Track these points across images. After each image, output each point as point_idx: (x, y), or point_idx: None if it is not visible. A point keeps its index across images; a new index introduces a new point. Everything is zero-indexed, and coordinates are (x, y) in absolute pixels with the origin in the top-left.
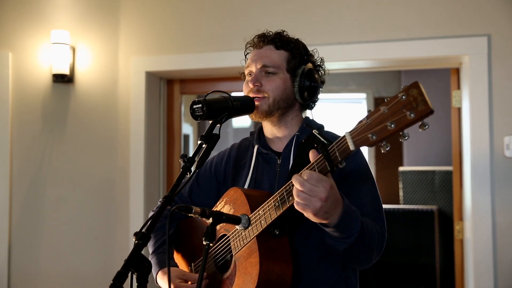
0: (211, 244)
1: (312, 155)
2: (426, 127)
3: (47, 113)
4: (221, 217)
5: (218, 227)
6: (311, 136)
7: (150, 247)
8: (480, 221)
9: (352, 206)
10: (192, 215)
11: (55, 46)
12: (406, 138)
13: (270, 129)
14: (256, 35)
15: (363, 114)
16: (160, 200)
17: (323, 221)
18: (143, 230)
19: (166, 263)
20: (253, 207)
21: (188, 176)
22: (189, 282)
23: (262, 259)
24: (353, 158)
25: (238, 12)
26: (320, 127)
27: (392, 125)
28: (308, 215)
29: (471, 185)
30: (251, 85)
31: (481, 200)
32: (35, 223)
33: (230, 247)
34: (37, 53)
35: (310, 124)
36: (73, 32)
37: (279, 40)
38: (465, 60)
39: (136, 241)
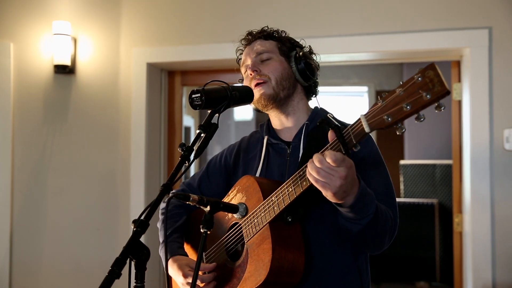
0: (208, 232)
1: (331, 135)
2: (443, 108)
3: (49, 104)
4: (218, 205)
5: (230, 215)
6: (325, 119)
7: (160, 237)
8: (479, 214)
9: (368, 188)
10: (189, 202)
11: (56, 37)
12: (422, 119)
13: (278, 119)
14: (242, 38)
15: (365, 107)
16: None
17: (340, 201)
18: (142, 218)
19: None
20: (266, 194)
21: (187, 164)
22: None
23: (275, 245)
24: (364, 144)
25: (240, 4)
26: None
27: (408, 107)
28: (327, 193)
29: (470, 178)
30: (250, 73)
31: (480, 193)
32: (36, 213)
33: (242, 235)
34: (38, 44)
35: (317, 113)
36: (75, 23)
37: (266, 32)
38: (466, 53)
39: (134, 229)
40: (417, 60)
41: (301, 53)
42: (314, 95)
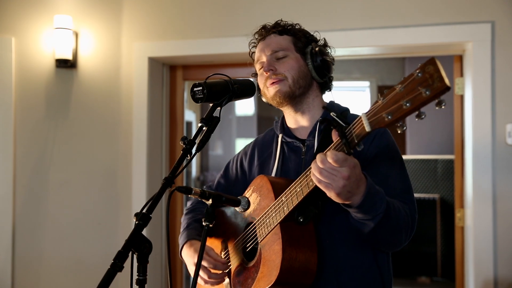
0: (210, 225)
1: (334, 135)
2: (443, 105)
3: (50, 98)
4: (220, 199)
5: (246, 214)
6: (327, 119)
7: (181, 228)
8: (481, 209)
9: (377, 186)
10: (192, 195)
11: (58, 31)
12: (423, 117)
13: (293, 118)
14: (256, 32)
15: (367, 102)
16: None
17: (346, 202)
18: (144, 211)
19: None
20: (278, 194)
21: (189, 158)
22: (212, 259)
23: (285, 246)
24: (380, 138)
25: None
26: (344, 111)
27: (407, 104)
28: (331, 194)
29: (472, 173)
30: (265, 73)
31: (482, 188)
32: (38, 207)
33: (256, 235)
34: (40, 38)
35: (331, 108)
36: (76, 17)
37: (280, 27)
38: (469, 47)
39: (136, 222)
40: (419, 55)
41: (317, 49)
42: (329, 90)
